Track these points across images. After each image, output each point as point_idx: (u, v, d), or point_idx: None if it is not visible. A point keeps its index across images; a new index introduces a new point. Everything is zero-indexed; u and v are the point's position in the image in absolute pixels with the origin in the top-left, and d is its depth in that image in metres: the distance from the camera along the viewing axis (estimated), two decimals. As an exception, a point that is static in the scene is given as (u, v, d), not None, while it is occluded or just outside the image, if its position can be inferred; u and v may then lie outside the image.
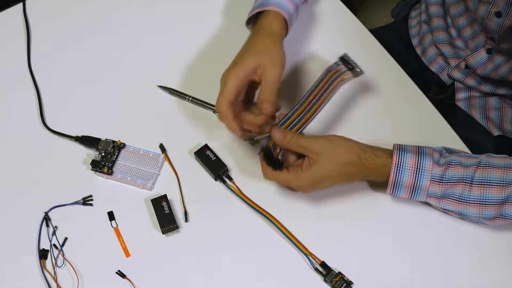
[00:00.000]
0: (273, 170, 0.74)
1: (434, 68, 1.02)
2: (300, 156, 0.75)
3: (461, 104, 1.01)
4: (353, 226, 0.78)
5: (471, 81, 0.97)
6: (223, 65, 0.79)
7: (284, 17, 0.82)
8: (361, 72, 0.77)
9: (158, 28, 0.96)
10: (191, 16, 0.97)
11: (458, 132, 0.86)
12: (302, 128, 0.76)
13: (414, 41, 1.06)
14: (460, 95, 1.01)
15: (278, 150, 0.75)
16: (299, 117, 0.76)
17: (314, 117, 0.76)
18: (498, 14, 0.84)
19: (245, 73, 0.75)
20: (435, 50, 1.01)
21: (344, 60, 0.78)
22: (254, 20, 0.85)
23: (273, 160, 0.74)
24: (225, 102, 0.74)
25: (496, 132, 0.98)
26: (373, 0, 1.44)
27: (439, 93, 1.03)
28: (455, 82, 1.00)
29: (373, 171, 0.74)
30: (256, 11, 0.83)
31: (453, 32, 0.98)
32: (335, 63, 0.78)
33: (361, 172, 0.74)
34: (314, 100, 0.76)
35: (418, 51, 1.05)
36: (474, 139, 0.95)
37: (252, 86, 0.79)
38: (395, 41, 1.06)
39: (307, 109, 0.76)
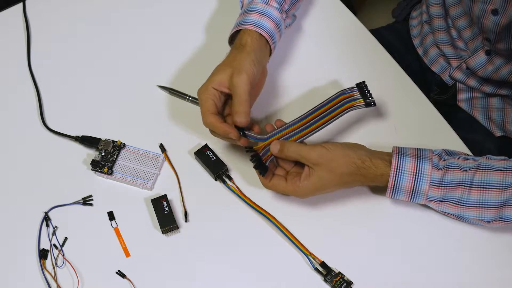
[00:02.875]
0: (270, 180, 0.75)
1: (435, 68, 1.02)
2: (297, 162, 0.76)
3: (463, 105, 1.01)
4: (353, 226, 0.77)
5: (472, 82, 0.97)
6: (224, 65, 0.79)
7: (259, 33, 0.81)
8: (374, 105, 0.76)
9: (158, 28, 0.96)
10: (192, 15, 0.97)
11: (459, 133, 0.85)
12: (299, 140, 0.76)
13: (416, 42, 1.06)
14: (462, 96, 1.00)
15: (267, 156, 0.75)
16: (296, 130, 0.76)
17: (311, 134, 0.76)
18: (495, 12, 0.84)
19: (214, 86, 0.76)
20: (436, 51, 1.01)
21: (361, 87, 0.77)
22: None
23: (260, 165, 0.74)
24: (207, 114, 0.75)
25: (498, 133, 0.97)
26: (373, 0, 1.44)
27: (440, 94, 1.02)
28: (457, 82, 1.00)
29: (372, 180, 0.74)
30: (234, 30, 0.83)
31: (454, 33, 0.97)
32: (350, 88, 0.77)
33: (359, 181, 0.74)
34: (317, 118, 0.76)
35: (420, 51, 1.05)
36: (476, 140, 0.94)
37: (226, 100, 0.79)
38: (396, 41, 1.06)
39: (306, 124, 0.76)
